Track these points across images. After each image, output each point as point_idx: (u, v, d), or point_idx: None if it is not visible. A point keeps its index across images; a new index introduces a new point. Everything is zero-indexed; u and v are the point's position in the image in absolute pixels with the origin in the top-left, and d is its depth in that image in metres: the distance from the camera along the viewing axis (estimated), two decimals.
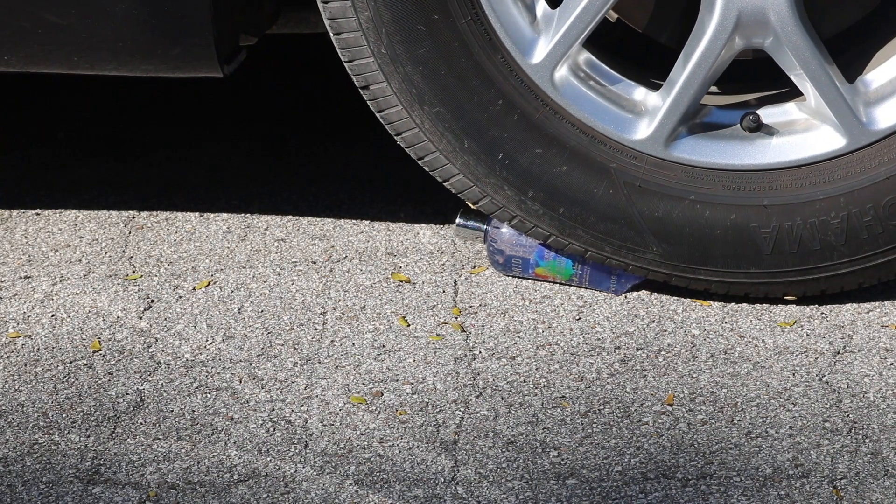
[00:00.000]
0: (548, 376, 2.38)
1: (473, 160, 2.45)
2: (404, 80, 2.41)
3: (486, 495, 2.14)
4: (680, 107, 2.41)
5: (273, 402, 2.34)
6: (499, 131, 2.43)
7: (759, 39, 2.38)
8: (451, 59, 2.40)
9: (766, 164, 2.43)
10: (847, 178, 2.41)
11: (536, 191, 2.45)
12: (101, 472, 2.20)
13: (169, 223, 2.84)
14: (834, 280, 2.47)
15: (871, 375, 2.37)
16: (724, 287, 2.50)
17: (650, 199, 2.44)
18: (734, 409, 2.30)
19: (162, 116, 3.25)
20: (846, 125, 2.40)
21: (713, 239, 2.45)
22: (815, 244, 2.43)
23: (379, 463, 2.21)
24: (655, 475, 2.17)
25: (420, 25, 2.38)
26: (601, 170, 2.44)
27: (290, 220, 2.84)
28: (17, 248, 2.78)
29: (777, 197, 2.43)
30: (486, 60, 2.40)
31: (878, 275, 2.46)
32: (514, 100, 2.42)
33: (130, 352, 2.47)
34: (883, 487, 2.13)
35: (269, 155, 3.08)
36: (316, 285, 2.63)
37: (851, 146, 2.41)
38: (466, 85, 2.41)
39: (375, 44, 2.39)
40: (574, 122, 2.43)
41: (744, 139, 2.45)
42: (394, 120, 2.45)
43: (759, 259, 2.45)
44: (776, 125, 2.45)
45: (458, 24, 2.38)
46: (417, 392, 2.35)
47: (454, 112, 2.43)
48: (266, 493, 2.15)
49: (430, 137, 2.45)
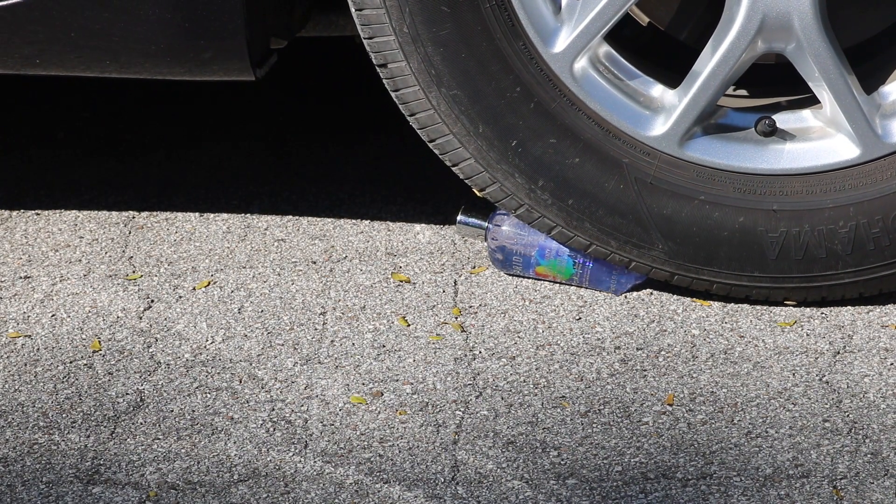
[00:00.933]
0: (548, 376, 2.38)
1: (486, 145, 2.45)
2: (424, 61, 2.41)
3: (486, 495, 2.14)
4: (697, 106, 2.41)
5: (273, 402, 2.34)
6: (514, 118, 2.43)
7: (780, 44, 2.38)
8: (472, 43, 2.40)
9: (779, 169, 2.43)
10: (858, 188, 2.41)
11: (547, 180, 2.45)
12: (101, 472, 2.20)
13: (169, 223, 2.84)
14: (836, 289, 2.47)
15: (871, 375, 2.37)
16: (726, 289, 2.50)
17: (660, 196, 2.44)
18: (734, 409, 2.30)
19: (162, 116, 3.25)
20: (861, 136, 2.40)
21: (720, 240, 2.45)
22: (820, 252, 2.43)
23: (379, 463, 2.21)
24: (655, 475, 2.17)
25: (444, 6, 2.38)
26: (614, 164, 2.44)
27: (290, 220, 2.84)
28: (17, 248, 2.78)
29: (787, 202, 2.43)
30: (507, 46, 2.40)
31: (880, 286, 2.47)
32: (532, 88, 2.42)
33: (130, 352, 2.47)
34: (883, 487, 2.13)
35: (269, 155, 3.08)
36: (316, 285, 2.63)
37: (865, 157, 2.41)
38: (486, 70, 2.41)
39: (398, 22, 2.39)
40: (590, 115, 2.43)
41: (758, 143, 2.45)
42: (410, 100, 2.45)
43: (764, 263, 2.45)
44: (791, 131, 2.45)
45: (482, 7, 2.38)
46: (417, 392, 2.35)
47: (471, 96, 2.42)
48: (266, 493, 2.15)
49: (444, 120, 2.45)
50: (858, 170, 2.42)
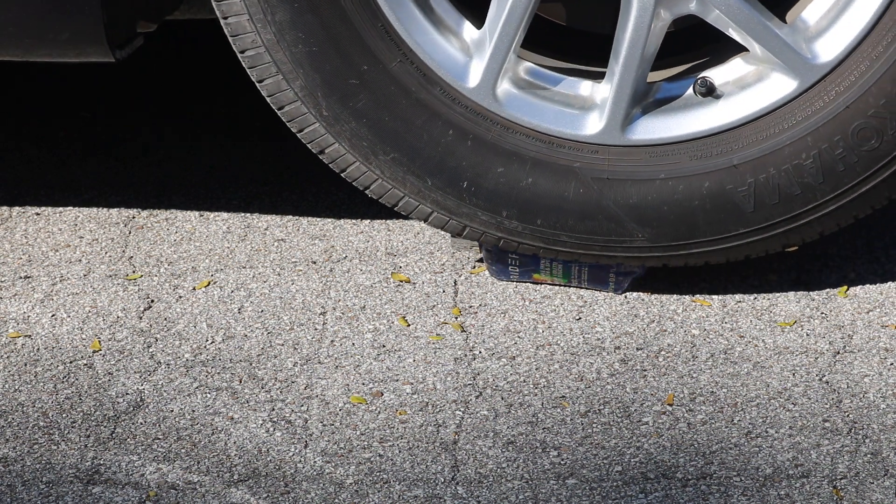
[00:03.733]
0: (548, 376, 2.38)
1: (441, 195, 2.45)
2: (353, 136, 2.43)
3: (486, 495, 2.14)
4: (626, 90, 2.40)
5: (273, 402, 2.34)
6: (457, 161, 2.44)
7: (683, 6, 2.37)
8: (391, 105, 2.41)
9: (727, 123, 2.42)
10: (809, 117, 2.40)
11: (509, 209, 2.45)
12: (101, 472, 2.20)
13: (169, 223, 2.84)
14: (826, 220, 2.44)
15: (871, 375, 2.36)
16: (722, 255, 2.48)
17: (622, 187, 2.44)
18: (734, 409, 2.30)
19: (162, 116, 3.25)
20: (794, 66, 2.39)
21: (693, 210, 2.44)
22: (794, 189, 2.42)
23: (379, 463, 2.21)
24: (655, 475, 2.17)
25: (352, 80, 2.39)
26: (566, 172, 2.44)
27: (290, 220, 2.84)
28: (17, 248, 2.78)
29: (745, 154, 2.42)
30: (427, 96, 2.41)
31: (869, 203, 2.44)
32: (463, 126, 2.43)
33: (130, 352, 2.47)
34: (883, 487, 2.13)
35: (269, 155, 3.08)
36: (316, 285, 2.63)
37: (804, 85, 2.39)
38: (413, 125, 2.42)
39: (316, 108, 2.41)
40: (528, 133, 2.43)
41: (700, 105, 2.44)
42: (357, 176, 2.47)
43: (745, 218, 2.44)
44: (728, 83, 2.44)
45: (389, 68, 2.39)
46: (417, 392, 2.35)
47: (409, 154, 2.43)
48: (266, 493, 2.15)
49: (393, 184, 2.46)
50: (802, 99, 2.40)
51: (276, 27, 2.37)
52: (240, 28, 2.39)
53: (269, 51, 2.39)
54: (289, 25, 2.37)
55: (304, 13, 2.37)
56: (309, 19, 2.37)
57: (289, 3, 2.36)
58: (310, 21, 2.37)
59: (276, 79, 2.41)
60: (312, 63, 2.39)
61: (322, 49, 2.39)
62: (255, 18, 2.38)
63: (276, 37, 2.38)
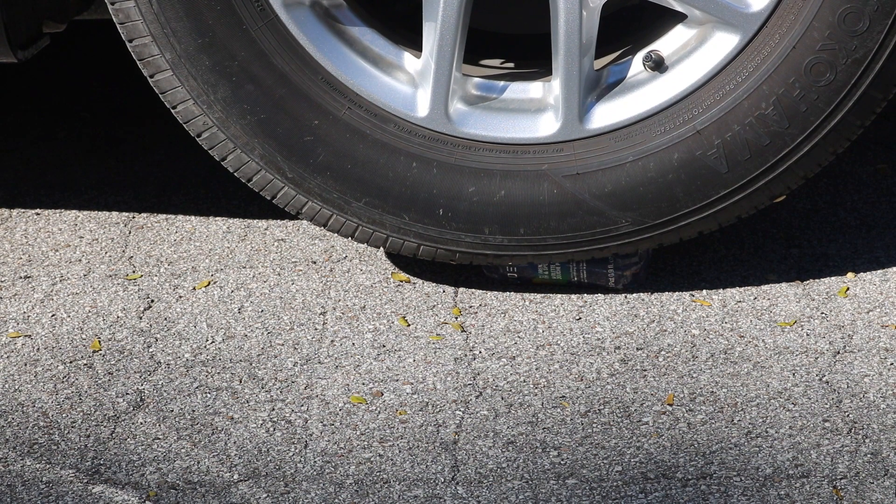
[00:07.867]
0: (548, 376, 2.38)
1: (421, 227, 2.46)
2: (322, 191, 2.45)
3: (486, 495, 2.14)
4: (574, 82, 2.41)
5: (273, 402, 2.34)
6: (427, 191, 2.44)
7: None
8: (350, 152, 2.43)
9: (681, 91, 2.42)
10: (759, 66, 2.39)
11: (490, 225, 2.46)
12: (101, 472, 2.20)
13: (169, 223, 2.84)
14: (804, 162, 2.43)
15: (871, 375, 2.36)
16: (713, 221, 2.46)
17: (594, 178, 2.43)
18: (734, 409, 2.30)
19: (162, 116, 3.25)
20: (732, 20, 2.38)
21: (670, 184, 2.43)
22: (763, 140, 2.41)
23: (379, 463, 2.21)
24: (655, 475, 2.17)
25: (307, 137, 2.41)
26: (536, 176, 2.44)
27: (290, 220, 2.84)
28: (17, 248, 2.78)
29: (706, 117, 2.41)
30: (382, 135, 2.42)
31: (844, 136, 2.42)
32: (425, 156, 2.43)
33: (130, 352, 2.47)
34: (883, 487, 2.13)
35: None
36: (316, 285, 2.63)
37: (747, 36, 2.38)
38: (376, 166, 2.43)
39: (280, 173, 2.45)
40: (490, 147, 2.44)
41: (652, 79, 2.44)
42: (338, 227, 2.50)
43: (722, 180, 2.43)
44: (674, 52, 2.44)
45: (339, 117, 2.41)
46: (417, 392, 2.35)
47: (379, 195, 2.45)
48: (266, 493, 2.15)
49: (374, 227, 2.48)
50: (749, 50, 2.39)
51: (222, 104, 2.40)
52: (189, 113, 2.43)
53: (222, 128, 2.42)
54: (232, 100, 2.40)
55: (243, 85, 2.39)
56: (250, 89, 2.39)
57: (226, 79, 2.38)
58: (251, 91, 2.40)
59: (236, 154, 2.44)
60: (265, 130, 2.41)
61: (270, 115, 2.41)
62: (200, 101, 2.41)
63: (224, 114, 2.41)
